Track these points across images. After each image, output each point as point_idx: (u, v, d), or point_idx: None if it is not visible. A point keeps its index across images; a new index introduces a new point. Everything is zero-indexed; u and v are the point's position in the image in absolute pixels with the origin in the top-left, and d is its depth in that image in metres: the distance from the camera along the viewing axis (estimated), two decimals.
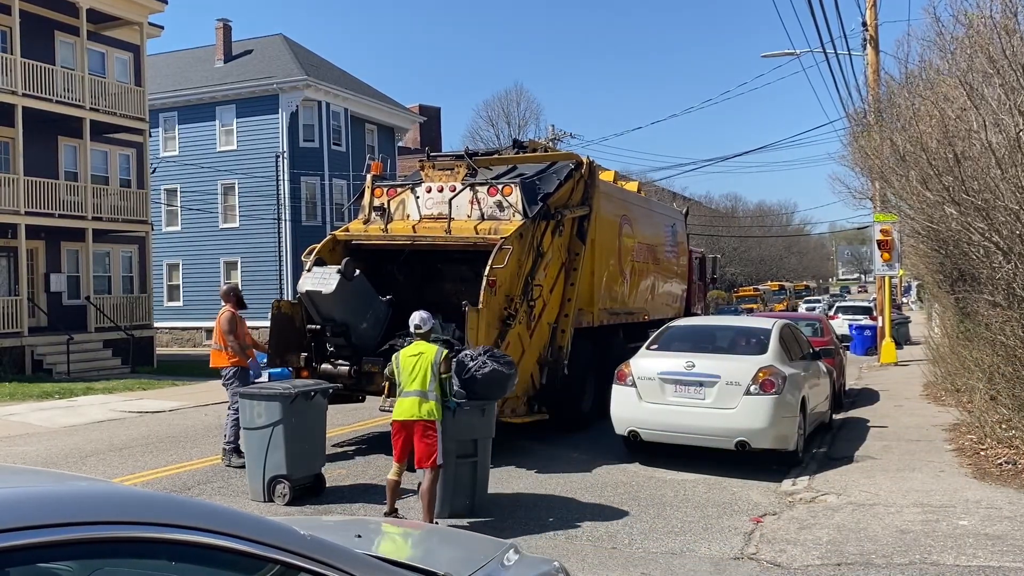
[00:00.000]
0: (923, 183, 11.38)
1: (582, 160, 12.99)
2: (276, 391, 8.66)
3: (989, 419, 10.88)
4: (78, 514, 1.86)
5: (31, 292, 24.17)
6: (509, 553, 3.32)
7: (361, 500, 8.90)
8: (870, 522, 7.78)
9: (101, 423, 14.64)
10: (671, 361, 10.53)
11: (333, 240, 12.76)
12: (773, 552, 7.05)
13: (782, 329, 11.35)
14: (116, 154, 27.72)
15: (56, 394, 18.34)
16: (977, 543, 7.01)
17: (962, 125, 10.17)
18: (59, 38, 25.59)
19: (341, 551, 2.37)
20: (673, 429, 10.26)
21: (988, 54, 9.23)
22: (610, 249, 14.00)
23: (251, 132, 35.86)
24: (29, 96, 22.81)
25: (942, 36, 11.30)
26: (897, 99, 15.04)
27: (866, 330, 29.49)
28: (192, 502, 2.20)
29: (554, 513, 8.37)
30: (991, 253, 10.40)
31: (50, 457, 11.39)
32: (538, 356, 11.67)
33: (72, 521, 1.83)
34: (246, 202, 35.83)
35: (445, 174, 12.50)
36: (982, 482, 9.17)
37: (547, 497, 9.03)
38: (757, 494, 9.12)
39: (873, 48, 23.30)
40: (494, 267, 10.67)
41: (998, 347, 10.93)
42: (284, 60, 36.95)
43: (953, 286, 15.82)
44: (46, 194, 23.49)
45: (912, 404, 15.62)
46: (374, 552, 2.75)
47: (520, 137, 41.00)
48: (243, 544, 2.05)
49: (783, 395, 9.91)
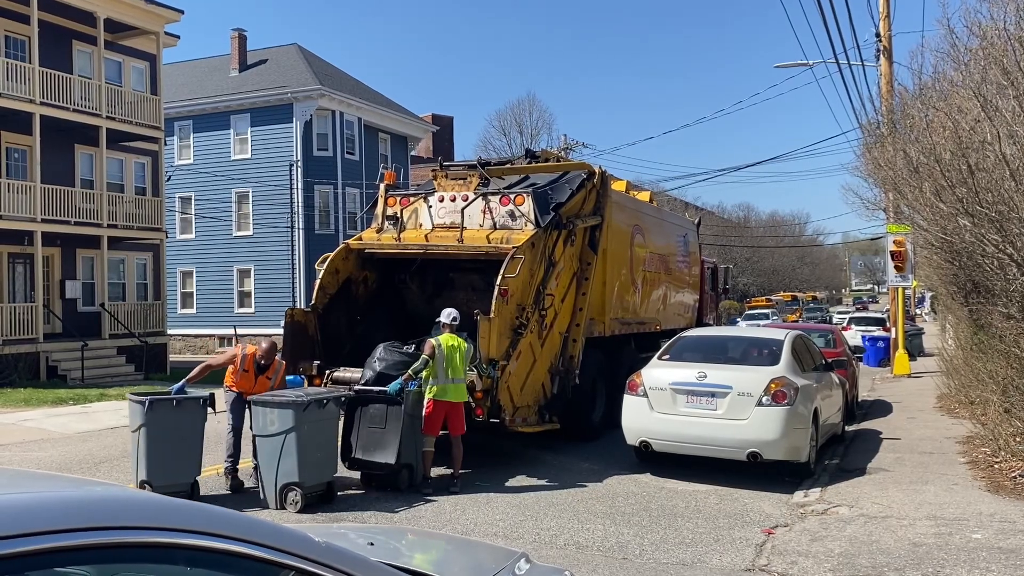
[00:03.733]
0: (937, 194, 11.34)
1: (594, 170, 13.01)
2: (289, 399, 8.73)
3: (1003, 432, 10.81)
4: (95, 519, 1.88)
5: (47, 299, 24.36)
6: (520, 562, 3.33)
7: (373, 508, 8.92)
8: (882, 535, 7.74)
9: (115, 429, 14.72)
10: (683, 371, 10.52)
11: (346, 249, 12.81)
12: (785, 564, 7.02)
13: (794, 340, 11.32)
14: (132, 162, 27.94)
15: (70, 400, 18.45)
16: (991, 557, 6.96)
17: (976, 137, 10.13)
18: (76, 47, 25.86)
19: (355, 558, 2.39)
20: (684, 440, 10.24)
21: (1002, 66, 9.20)
22: (622, 259, 14.00)
23: (265, 141, 36.08)
24: (46, 104, 23.03)
25: (956, 48, 11.28)
26: (911, 110, 15.00)
27: (879, 341, 29.31)
28: (208, 508, 2.23)
29: (565, 523, 8.37)
30: (1005, 265, 10.36)
31: (64, 462, 11.46)
32: (549, 365, 11.67)
33: (90, 526, 1.84)
34: (260, 210, 36.02)
35: (458, 183, 12.55)
36: (996, 495, 9.10)
37: (558, 507, 9.02)
38: (769, 506, 9.09)
39: (887, 59, 23.24)
40: (506, 276, 10.69)
41: (1012, 359, 10.87)
42: (299, 70, 37.18)
43: (967, 298, 15.74)
44: (62, 202, 23.69)
45: (925, 416, 15.53)
46: (387, 560, 2.76)
47: (532, 147, 41.10)
48: (259, 550, 2.07)
49: (795, 406, 9.88)
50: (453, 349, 9.62)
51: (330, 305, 12.37)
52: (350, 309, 12.75)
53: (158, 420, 8.79)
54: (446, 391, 9.57)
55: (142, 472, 8.80)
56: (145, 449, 8.74)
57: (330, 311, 12.34)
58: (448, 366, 9.56)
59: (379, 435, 9.55)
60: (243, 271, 36.55)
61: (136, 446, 8.85)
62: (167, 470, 8.85)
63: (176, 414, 8.99)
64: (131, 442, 9.09)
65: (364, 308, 12.97)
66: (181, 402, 9.09)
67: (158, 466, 8.78)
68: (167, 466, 8.86)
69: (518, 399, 10.84)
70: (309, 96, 35.21)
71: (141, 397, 8.95)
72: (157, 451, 8.77)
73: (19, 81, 22.51)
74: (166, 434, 8.83)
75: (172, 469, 8.91)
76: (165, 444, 8.81)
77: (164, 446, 8.81)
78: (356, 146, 37.35)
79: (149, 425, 8.73)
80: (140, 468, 8.82)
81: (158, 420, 8.79)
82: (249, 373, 9.76)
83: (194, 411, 9.13)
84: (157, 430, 8.77)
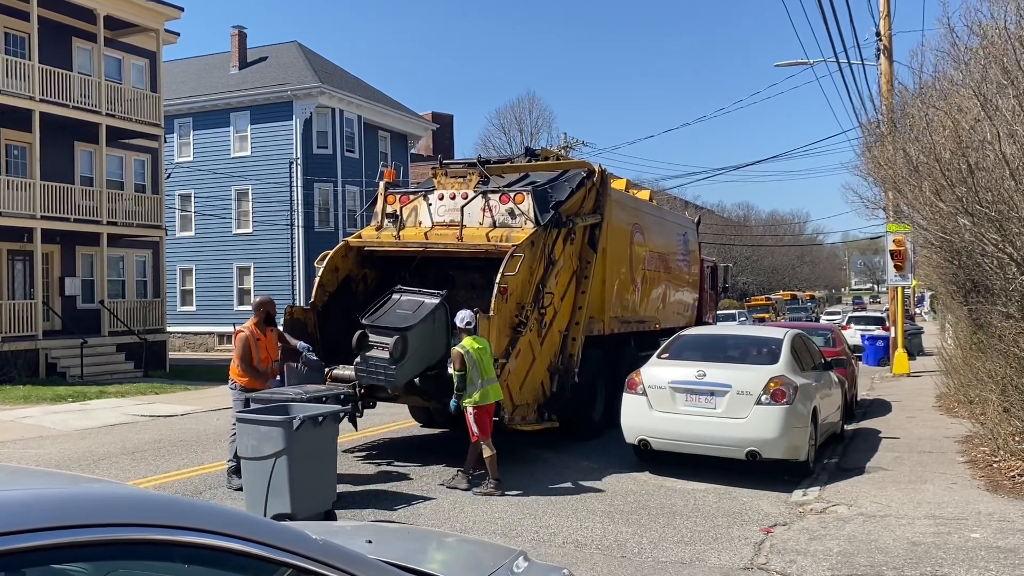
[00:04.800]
0: (936, 193, 11.34)
1: (594, 168, 13.01)
2: (277, 416, 7.77)
3: (1002, 431, 10.81)
4: (93, 516, 1.87)
5: (46, 296, 24.36)
6: (519, 560, 3.33)
7: (371, 506, 8.91)
8: (881, 533, 7.74)
9: (114, 427, 14.73)
10: (682, 370, 10.52)
11: (346, 247, 12.81)
12: (783, 563, 7.02)
13: (793, 339, 11.32)
14: (131, 159, 27.93)
15: (70, 397, 18.45)
16: (989, 556, 6.96)
17: (976, 136, 10.13)
18: (76, 44, 25.84)
19: (353, 556, 2.39)
20: (683, 438, 10.24)
21: (1002, 65, 9.20)
22: (622, 257, 14.00)
23: (265, 138, 36.06)
24: (46, 102, 23.02)
25: (956, 47, 11.28)
26: (911, 109, 15.00)
27: (878, 340, 29.33)
28: (206, 505, 2.23)
29: (563, 521, 8.37)
30: (1005, 264, 10.35)
31: (63, 460, 11.47)
32: (549, 364, 11.67)
33: (87, 523, 1.84)
34: (259, 208, 36.01)
35: (458, 181, 12.55)
36: (995, 494, 9.11)
37: (557, 504, 9.02)
38: (767, 504, 9.09)
39: (887, 58, 23.22)
40: (505, 274, 10.69)
41: (1011, 359, 10.86)
42: (298, 67, 37.16)
43: (966, 297, 15.74)
44: (62, 199, 23.69)
45: (925, 415, 15.53)
46: (385, 558, 2.77)
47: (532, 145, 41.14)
48: (256, 548, 2.07)
49: (794, 405, 9.88)
50: (480, 352, 9.59)
51: (329, 303, 12.38)
52: (349, 307, 12.72)
53: (302, 442, 7.58)
54: (487, 394, 9.59)
55: (281, 504, 7.52)
56: (288, 477, 7.48)
57: (329, 309, 12.34)
58: (481, 369, 9.55)
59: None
60: (243, 269, 36.55)
61: (270, 475, 7.50)
62: (310, 497, 7.70)
63: (318, 433, 7.81)
64: (246, 471, 7.83)
65: (363, 306, 12.94)
66: (324, 419, 7.85)
67: (302, 494, 7.58)
68: (309, 493, 7.70)
69: (517, 397, 10.85)
70: (309, 94, 35.19)
71: (279, 417, 7.67)
72: (300, 478, 7.58)
73: (19, 78, 22.50)
74: (308, 457, 7.67)
75: (314, 495, 7.77)
76: (307, 468, 7.68)
77: (307, 471, 7.67)
78: (356, 144, 37.33)
79: (292, 449, 7.49)
80: (277, 499, 7.51)
81: (302, 442, 7.58)
82: (261, 339, 9.80)
83: (332, 426, 8.10)
84: (301, 453, 7.57)
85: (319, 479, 7.88)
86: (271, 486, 7.48)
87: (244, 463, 7.83)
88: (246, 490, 7.88)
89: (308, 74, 36.25)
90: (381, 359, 10.30)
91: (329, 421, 7.94)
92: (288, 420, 7.56)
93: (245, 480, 7.92)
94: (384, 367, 10.26)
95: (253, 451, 7.66)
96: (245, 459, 7.79)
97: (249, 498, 7.74)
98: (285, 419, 7.59)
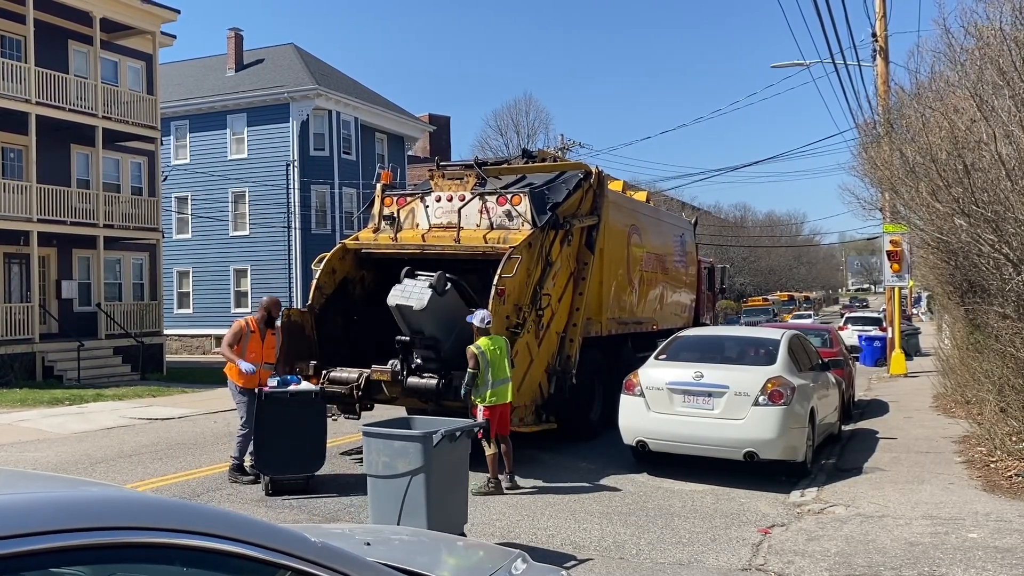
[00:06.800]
0: (933, 194, 11.36)
1: (591, 170, 13.01)
2: (415, 431, 7.10)
3: (999, 431, 10.83)
4: (91, 519, 1.87)
5: (43, 299, 24.31)
6: (517, 562, 3.34)
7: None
8: (879, 534, 7.75)
9: (111, 430, 14.70)
10: (679, 371, 10.53)
11: (343, 249, 12.80)
12: (781, 563, 7.03)
13: (791, 340, 11.33)
14: (128, 162, 27.90)
15: (67, 400, 18.41)
16: (986, 556, 6.97)
17: (972, 137, 10.15)
18: (73, 47, 25.81)
19: (351, 558, 2.39)
20: (681, 439, 10.25)
21: (998, 66, 9.22)
22: (619, 259, 14.00)
23: (262, 140, 36.05)
24: (43, 104, 22.99)
25: (952, 48, 11.30)
26: (907, 110, 15.03)
27: (876, 341, 29.36)
28: (204, 508, 2.23)
29: (561, 522, 8.37)
30: (1001, 265, 10.37)
31: (60, 463, 11.45)
32: (546, 365, 11.67)
33: (85, 526, 1.84)
34: (256, 210, 35.99)
35: (455, 183, 12.54)
36: (992, 495, 9.12)
37: (554, 506, 9.02)
38: (765, 505, 9.10)
39: (883, 59, 23.25)
40: (503, 276, 10.69)
41: (1008, 359, 10.89)
42: (295, 69, 37.15)
43: (963, 297, 15.77)
44: (58, 201, 23.65)
45: (922, 416, 15.55)
46: (383, 560, 2.76)
47: (529, 147, 41.10)
48: (255, 550, 2.07)
49: (792, 406, 9.89)
50: (495, 352, 9.61)
51: (327, 305, 12.36)
52: (347, 309, 12.73)
53: (440, 459, 6.92)
54: (498, 394, 9.61)
55: (415, 526, 6.47)
56: (425, 497, 6.78)
57: (327, 311, 12.33)
58: (494, 368, 9.56)
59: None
60: (240, 271, 36.52)
61: (404, 495, 6.82)
62: (445, 519, 6.90)
63: (453, 449, 7.14)
64: (378, 489, 7.05)
65: (361, 308, 12.95)
66: (460, 434, 7.15)
67: (438, 516, 6.83)
68: (445, 514, 6.97)
69: (515, 399, 10.85)
70: (306, 96, 35.19)
71: (416, 432, 6.98)
72: (437, 497, 6.90)
73: (15, 81, 22.47)
74: (444, 475, 7.01)
75: (449, 517, 7.02)
76: (444, 487, 7.02)
77: (443, 490, 7.01)
78: (353, 146, 37.33)
79: (431, 466, 6.82)
80: (411, 521, 6.69)
81: (440, 459, 6.92)
82: (256, 333, 10.00)
83: (466, 443, 7.43)
84: (438, 471, 6.91)
85: (454, 499, 7.21)
86: (404, 508, 6.81)
87: (372, 481, 7.09)
88: (372, 510, 7.15)
89: (305, 76, 36.24)
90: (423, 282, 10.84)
91: (464, 437, 7.26)
92: (427, 435, 6.84)
93: (372, 499, 7.15)
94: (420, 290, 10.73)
95: (385, 468, 6.96)
96: (373, 477, 7.06)
97: (377, 519, 7.04)
98: (424, 434, 6.87)
